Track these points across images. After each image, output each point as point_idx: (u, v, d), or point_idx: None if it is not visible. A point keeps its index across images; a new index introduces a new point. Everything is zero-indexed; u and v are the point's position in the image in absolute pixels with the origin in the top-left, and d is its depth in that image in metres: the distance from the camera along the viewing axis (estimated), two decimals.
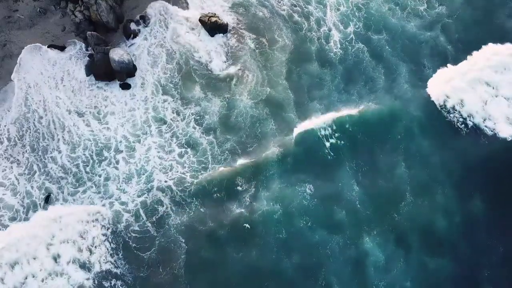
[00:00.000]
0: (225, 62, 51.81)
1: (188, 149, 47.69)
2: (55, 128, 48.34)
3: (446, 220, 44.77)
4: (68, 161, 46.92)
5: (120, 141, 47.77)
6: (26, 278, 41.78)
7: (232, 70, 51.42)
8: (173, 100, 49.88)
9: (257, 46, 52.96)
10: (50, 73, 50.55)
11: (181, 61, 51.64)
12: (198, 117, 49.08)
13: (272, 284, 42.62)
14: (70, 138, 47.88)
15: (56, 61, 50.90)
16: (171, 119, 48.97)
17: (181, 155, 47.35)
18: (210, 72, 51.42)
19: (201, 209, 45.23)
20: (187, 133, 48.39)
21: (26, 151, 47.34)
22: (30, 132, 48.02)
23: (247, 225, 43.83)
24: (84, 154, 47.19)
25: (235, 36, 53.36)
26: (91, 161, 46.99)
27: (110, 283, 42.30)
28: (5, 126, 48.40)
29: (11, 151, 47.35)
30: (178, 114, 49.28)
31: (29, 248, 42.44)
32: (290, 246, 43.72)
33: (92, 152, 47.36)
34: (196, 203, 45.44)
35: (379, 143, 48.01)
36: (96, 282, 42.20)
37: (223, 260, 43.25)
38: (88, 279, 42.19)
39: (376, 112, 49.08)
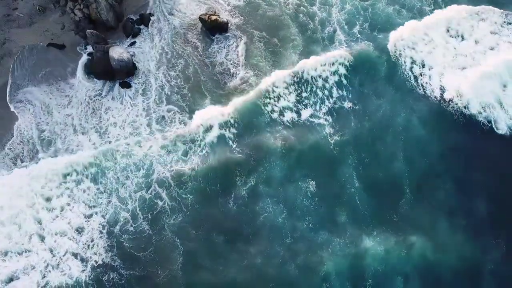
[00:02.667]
0: (235, 65, 50.37)
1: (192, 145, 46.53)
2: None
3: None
4: None
5: (123, 154, 46.46)
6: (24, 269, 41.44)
7: (243, 74, 49.98)
8: (179, 111, 48.22)
9: (268, 46, 51.77)
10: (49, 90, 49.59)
11: (184, 63, 50.65)
12: (205, 126, 47.57)
13: (273, 284, 41.42)
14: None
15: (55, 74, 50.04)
16: (176, 128, 47.48)
17: (184, 153, 46.16)
18: (219, 76, 50.12)
19: (199, 207, 44.01)
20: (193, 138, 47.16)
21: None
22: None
23: None
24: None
25: (245, 35, 52.33)
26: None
27: (108, 278, 41.43)
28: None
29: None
30: (185, 124, 47.73)
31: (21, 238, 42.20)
32: (292, 247, 42.61)
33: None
34: (194, 200, 44.20)
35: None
36: (93, 278, 41.36)
37: (222, 261, 42.15)
38: (83, 271, 41.40)
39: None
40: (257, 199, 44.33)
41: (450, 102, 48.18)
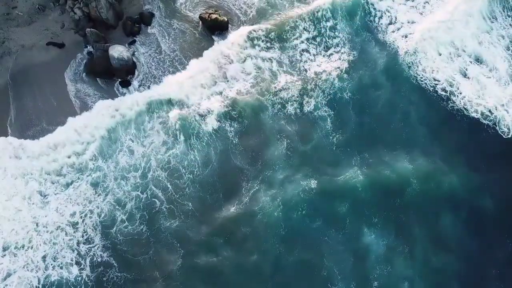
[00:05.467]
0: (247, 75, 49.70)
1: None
2: None
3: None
4: None
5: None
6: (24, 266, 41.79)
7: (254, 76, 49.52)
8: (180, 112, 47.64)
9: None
10: None
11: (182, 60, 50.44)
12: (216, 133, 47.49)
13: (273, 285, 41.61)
14: None
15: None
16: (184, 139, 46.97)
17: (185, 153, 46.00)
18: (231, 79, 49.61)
19: (198, 209, 44.10)
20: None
21: None
22: None
23: None
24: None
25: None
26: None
27: (106, 275, 41.78)
28: None
29: None
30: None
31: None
32: (292, 246, 42.68)
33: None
34: (192, 202, 44.25)
35: None
36: (92, 277, 41.64)
37: (220, 263, 42.23)
38: (82, 270, 41.69)
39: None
40: (256, 195, 44.37)
41: None
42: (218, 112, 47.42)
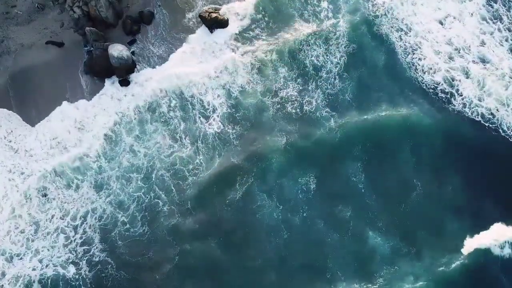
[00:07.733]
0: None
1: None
2: None
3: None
4: None
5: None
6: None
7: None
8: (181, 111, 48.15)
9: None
10: None
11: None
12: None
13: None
14: None
15: None
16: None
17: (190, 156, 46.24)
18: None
19: (197, 209, 44.38)
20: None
21: None
22: None
23: None
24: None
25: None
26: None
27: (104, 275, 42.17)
28: None
29: None
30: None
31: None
32: (290, 244, 42.96)
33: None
34: (193, 201, 44.56)
35: None
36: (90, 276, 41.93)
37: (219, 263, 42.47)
38: (79, 270, 42.03)
39: None
40: (254, 197, 44.57)
41: None
42: (221, 112, 47.55)
